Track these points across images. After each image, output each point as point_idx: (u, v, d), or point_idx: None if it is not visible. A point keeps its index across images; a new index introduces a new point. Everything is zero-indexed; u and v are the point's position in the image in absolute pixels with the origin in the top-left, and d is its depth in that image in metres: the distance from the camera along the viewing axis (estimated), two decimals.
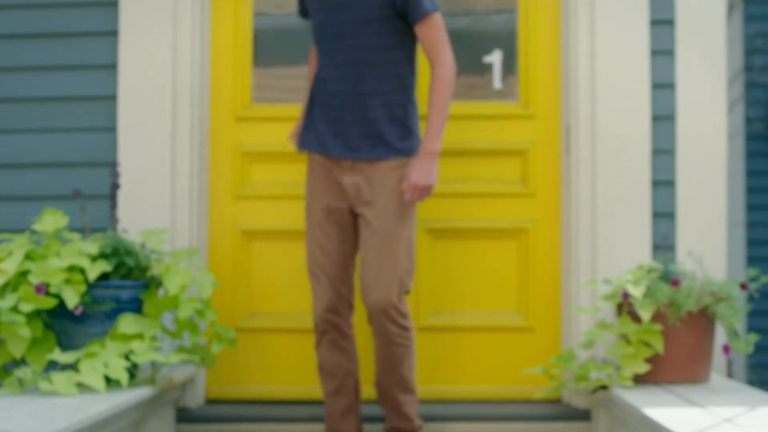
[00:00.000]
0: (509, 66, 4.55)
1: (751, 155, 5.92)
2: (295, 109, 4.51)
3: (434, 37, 3.52)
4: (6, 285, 3.66)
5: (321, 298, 3.74)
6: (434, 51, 3.53)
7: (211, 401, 4.49)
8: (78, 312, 3.62)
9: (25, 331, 3.56)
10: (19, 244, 3.73)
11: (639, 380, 3.96)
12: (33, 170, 4.43)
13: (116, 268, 3.81)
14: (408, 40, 3.57)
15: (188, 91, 4.38)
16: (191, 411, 4.28)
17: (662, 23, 4.39)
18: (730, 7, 5.91)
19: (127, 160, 4.34)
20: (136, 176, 4.33)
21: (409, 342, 3.75)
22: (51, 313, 3.74)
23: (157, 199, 4.31)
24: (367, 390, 4.40)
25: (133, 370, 3.78)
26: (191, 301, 3.83)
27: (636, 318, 3.94)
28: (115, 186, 4.13)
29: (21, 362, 3.85)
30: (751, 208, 5.92)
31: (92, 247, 3.73)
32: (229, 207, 4.52)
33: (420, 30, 3.53)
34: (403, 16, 3.54)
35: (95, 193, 4.37)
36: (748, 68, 5.95)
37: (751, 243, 5.89)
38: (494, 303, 4.50)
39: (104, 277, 3.78)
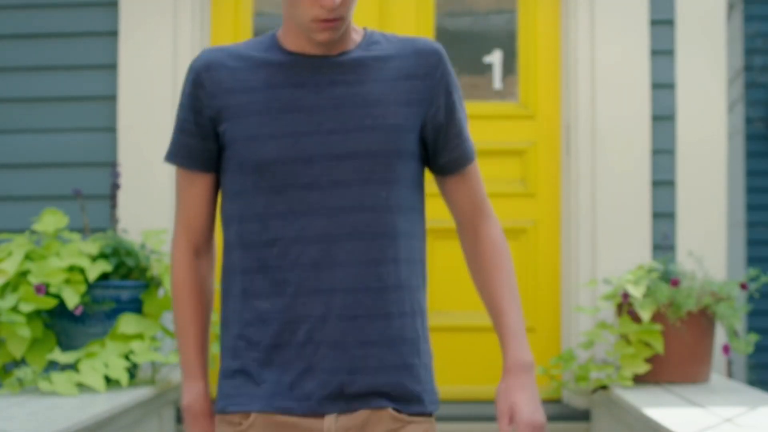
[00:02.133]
0: (509, 66, 4.55)
1: (751, 155, 5.92)
2: None
3: (480, 187, 1.98)
4: (6, 285, 3.66)
5: None
6: (482, 205, 1.97)
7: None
8: (78, 312, 3.62)
9: (25, 332, 3.56)
10: (19, 244, 3.73)
11: (639, 380, 3.96)
12: (33, 170, 4.43)
13: (116, 268, 3.81)
14: (423, 197, 1.97)
15: None
16: None
17: (662, 23, 4.39)
18: (730, 7, 5.91)
19: (127, 160, 4.34)
20: (136, 176, 4.33)
21: None
22: (51, 313, 3.74)
23: (157, 199, 4.32)
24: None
25: (133, 370, 3.78)
26: None
27: (636, 318, 3.94)
28: (115, 186, 4.14)
29: (21, 362, 3.85)
30: (751, 208, 5.91)
31: (92, 247, 3.73)
32: None
33: (461, 180, 1.96)
34: (424, 155, 1.96)
35: (95, 193, 4.37)
36: (748, 68, 5.95)
37: (751, 243, 5.89)
38: None
39: (104, 277, 3.78)
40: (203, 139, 1.89)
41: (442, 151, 1.93)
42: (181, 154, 1.91)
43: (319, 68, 1.85)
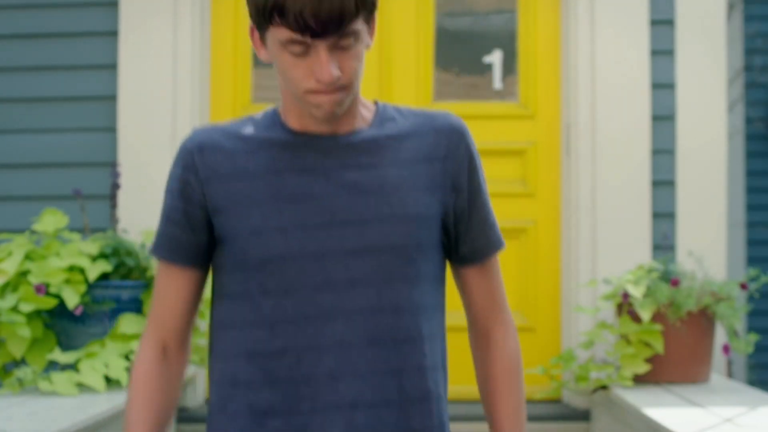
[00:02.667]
0: (509, 66, 4.55)
1: (751, 155, 5.92)
2: None
3: (500, 283, 1.79)
4: (6, 285, 3.66)
5: None
6: (500, 305, 1.78)
7: None
8: (78, 312, 3.62)
9: (25, 331, 3.56)
10: (19, 244, 3.73)
11: (639, 380, 3.96)
12: (33, 170, 4.43)
13: (116, 268, 3.81)
14: (444, 292, 1.77)
15: (188, 91, 4.38)
16: (191, 411, 4.28)
17: (662, 23, 4.39)
18: (730, 7, 5.91)
19: (127, 160, 4.34)
20: (136, 176, 4.33)
21: None
22: (51, 313, 3.74)
23: (157, 199, 4.32)
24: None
25: None
26: None
27: (636, 318, 3.94)
28: (115, 186, 4.14)
29: (21, 362, 3.85)
30: (751, 208, 5.92)
31: (92, 247, 3.73)
32: None
33: (481, 272, 1.75)
34: (446, 244, 1.75)
35: (95, 193, 4.37)
36: (748, 68, 5.95)
37: (751, 243, 5.89)
38: None
39: (104, 277, 3.78)
40: (193, 231, 1.67)
41: (463, 238, 1.71)
42: (167, 246, 1.68)
43: (328, 150, 1.64)
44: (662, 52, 4.38)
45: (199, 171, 1.65)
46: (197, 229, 1.67)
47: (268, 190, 1.62)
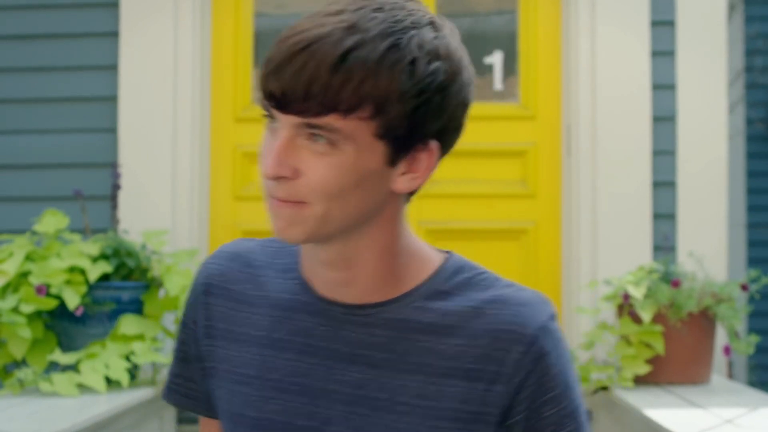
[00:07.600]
0: (510, 67, 4.55)
1: (751, 156, 5.92)
2: None
3: None
4: (7, 286, 3.66)
5: None
6: None
7: None
8: (79, 313, 3.62)
9: (26, 332, 3.56)
10: (20, 245, 3.73)
11: (640, 381, 3.96)
12: (33, 171, 4.43)
13: (117, 268, 3.81)
14: None
15: (189, 91, 4.38)
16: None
17: (663, 24, 4.39)
18: (731, 8, 5.91)
19: (128, 161, 4.34)
20: (136, 177, 4.33)
21: None
22: (52, 314, 3.74)
23: (157, 199, 4.32)
24: None
25: (133, 371, 3.78)
26: None
27: (637, 319, 3.94)
28: (116, 187, 4.14)
29: (22, 363, 3.85)
30: (751, 209, 5.91)
31: (93, 247, 3.73)
32: (230, 207, 4.52)
33: None
34: None
35: (96, 193, 4.37)
36: (749, 69, 5.95)
37: (752, 244, 5.88)
38: None
39: (105, 278, 3.78)
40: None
41: None
42: (184, 392, 1.33)
43: (340, 326, 1.17)
44: (663, 53, 4.38)
45: (199, 315, 1.27)
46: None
47: (259, 366, 1.21)
